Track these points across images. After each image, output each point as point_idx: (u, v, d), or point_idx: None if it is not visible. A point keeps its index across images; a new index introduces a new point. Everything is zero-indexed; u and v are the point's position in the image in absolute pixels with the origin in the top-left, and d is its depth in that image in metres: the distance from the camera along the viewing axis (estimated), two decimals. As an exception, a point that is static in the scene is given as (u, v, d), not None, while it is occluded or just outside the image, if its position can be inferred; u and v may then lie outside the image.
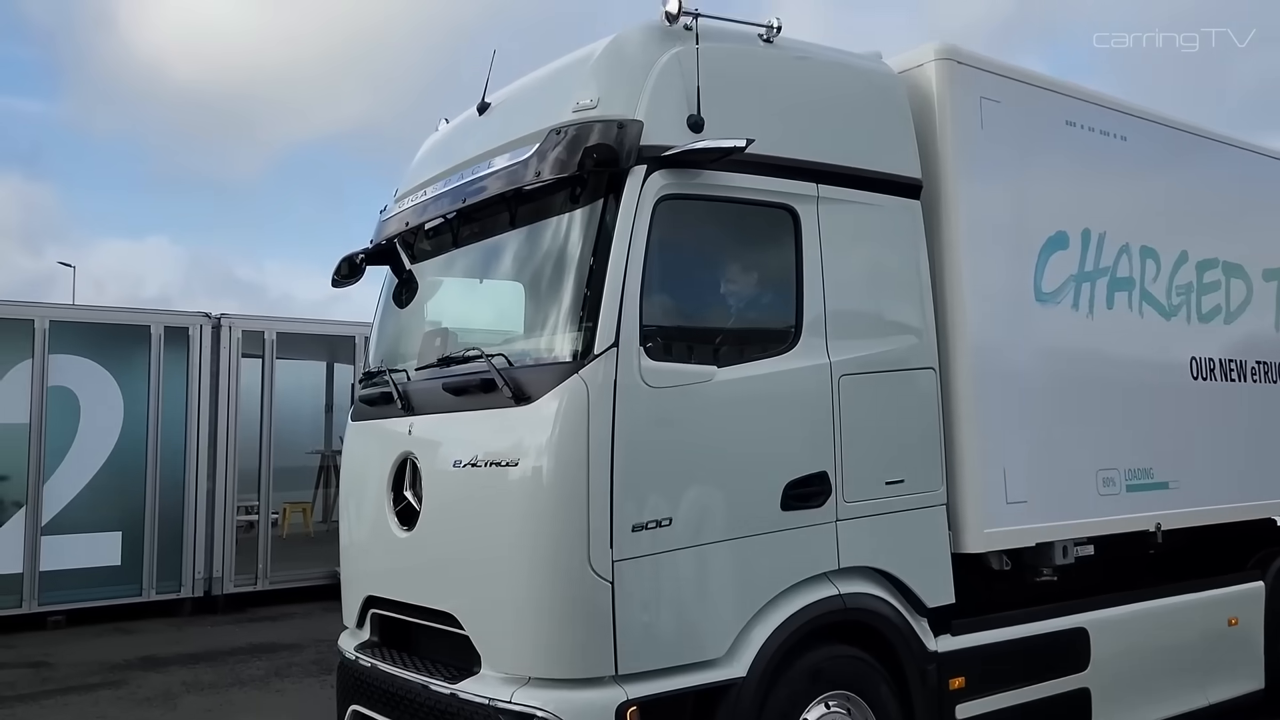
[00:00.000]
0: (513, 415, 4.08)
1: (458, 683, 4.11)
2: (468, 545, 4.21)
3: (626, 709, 3.81)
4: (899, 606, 4.62)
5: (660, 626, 3.96)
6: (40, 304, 10.62)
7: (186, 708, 7.25)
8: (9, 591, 10.02)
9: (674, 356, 4.12)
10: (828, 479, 4.40)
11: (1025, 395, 5.27)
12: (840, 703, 4.40)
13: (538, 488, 3.93)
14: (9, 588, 10.02)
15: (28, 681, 8.09)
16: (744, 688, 4.06)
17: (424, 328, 5.15)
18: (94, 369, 10.60)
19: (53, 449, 10.34)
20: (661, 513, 3.96)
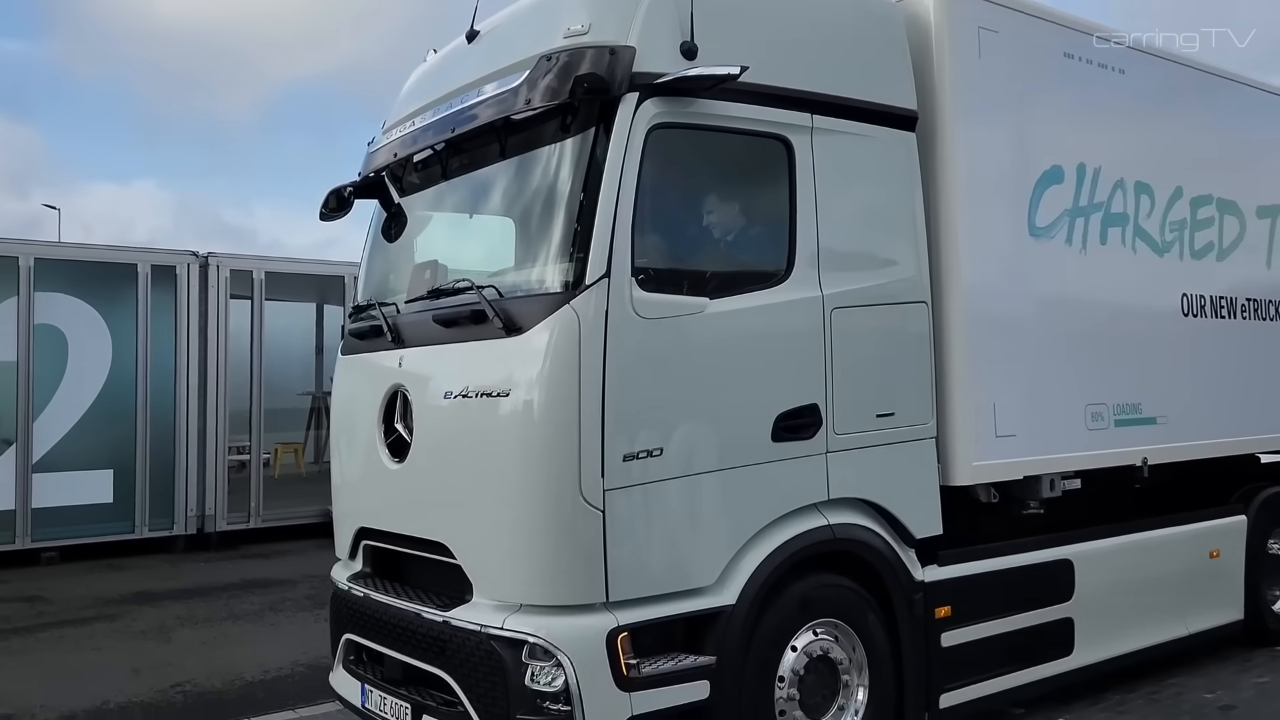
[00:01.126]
0: (503, 346, 4.07)
1: (450, 610, 4.15)
2: (459, 476, 4.22)
3: (617, 635, 3.86)
4: (887, 537, 4.67)
5: (651, 554, 4.00)
6: (25, 241, 10.53)
7: (181, 640, 7.33)
8: (1, 528, 10.07)
9: (666, 288, 4.09)
10: (818, 411, 4.41)
11: (1017, 330, 5.27)
12: (828, 630, 4.46)
13: (529, 418, 3.93)
14: (1, 524, 10.07)
15: (22, 615, 8.16)
16: (733, 615, 4.11)
17: (413, 261, 5.10)
18: (81, 307, 10.54)
19: (41, 387, 10.31)
20: (652, 443, 3.97)
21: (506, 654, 3.90)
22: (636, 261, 3.98)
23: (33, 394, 10.24)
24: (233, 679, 6.37)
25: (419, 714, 4.31)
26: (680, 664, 4.00)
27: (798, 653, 4.34)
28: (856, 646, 4.53)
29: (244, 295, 11.63)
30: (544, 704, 3.85)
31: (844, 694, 4.49)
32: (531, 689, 3.86)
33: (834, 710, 4.47)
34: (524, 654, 3.86)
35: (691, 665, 4.00)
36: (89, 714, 5.73)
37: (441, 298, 4.47)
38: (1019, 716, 5.35)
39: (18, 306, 10.14)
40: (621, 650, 3.86)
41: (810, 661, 4.39)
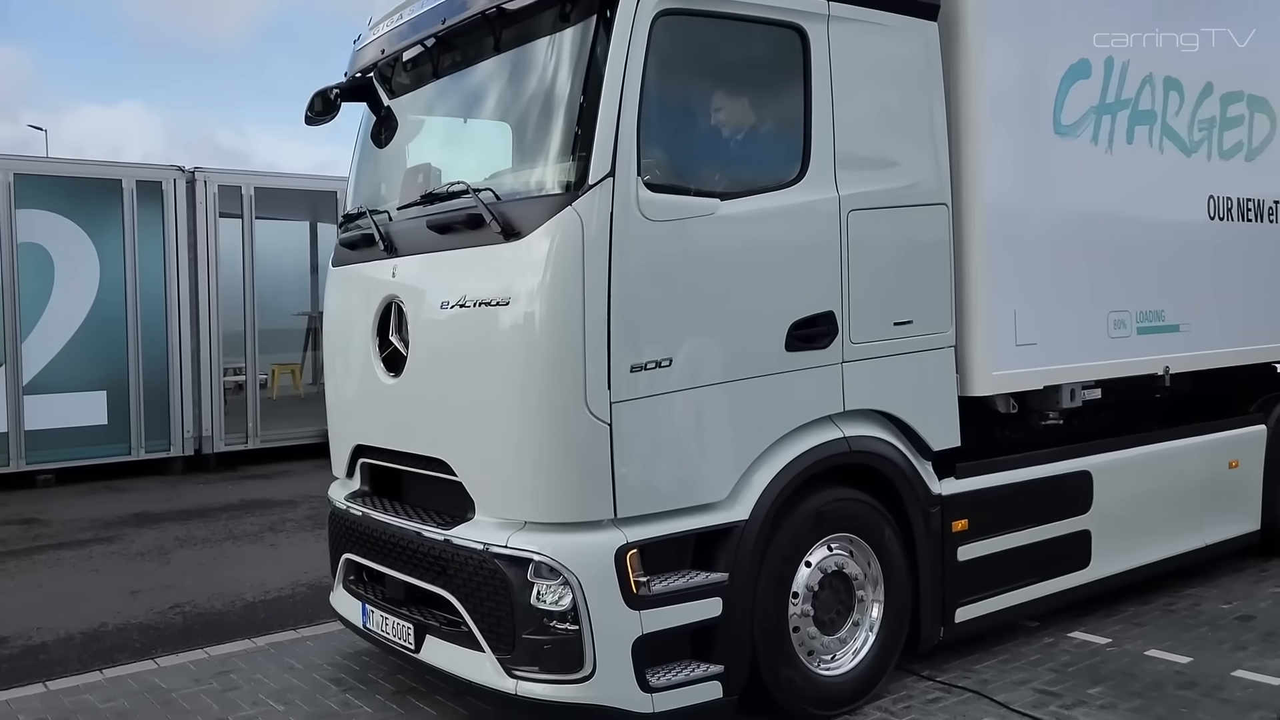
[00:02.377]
0: (502, 252, 3.84)
1: (451, 529, 4.00)
2: (458, 390, 4.03)
3: (626, 552, 3.71)
4: (904, 450, 4.50)
5: (660, 469, 3.83)
6: (4, 156, 10.16)
7: (180, 561, 7.24)
8: (-6, 450, 9.96)
9: (674, 189, 3.85)
10: (834, 319, 4.20)
11: (1039, 233, 5.03)
12: (843, 545, 4.32)
13: (531, 327, 3.72)
14: (-5, 446, 9.95)
15: (19, 538, 8.07)
16: (746, 530, 3.96)
17: (405, 167, 4.84)
18: (65, 225, 10.24)
19: (28, 307, 10.07)
20: (661, 353, 3.77)
21: (511, 573, 3.76)
22: (643, 160, 3.73)
23: (19, 314, 10.00)
24: (233, 600, 6.28)
25: (421, 634, 4.20)
26: (691, 581, 3.86)
27: (812, 568, 4.21)
28: (872, 561, 4.40)
29: (234, 214, 11.30)
30: (551, 623, 3.72)
31: (859, 609, 4.38)
32: (538, 608, 3.72)
33: (848, 625, 4.36)
34: (529, 572, 3.72)
35: (703, 582, 3.87)
36: (86, 636, 5.65)
37: (436, 203, 4.22)
38: (1034, 629, 5.25)
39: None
40: (630, 568, 3.71)
41: (824, 577, 4.26)
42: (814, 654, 4.24)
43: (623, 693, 3.72)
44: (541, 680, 3.73)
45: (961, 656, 4.88)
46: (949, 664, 4.80)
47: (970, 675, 4.68)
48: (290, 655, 5.16)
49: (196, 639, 5.55)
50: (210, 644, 5.41)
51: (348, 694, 4.62)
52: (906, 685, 4.58)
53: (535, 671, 3.75)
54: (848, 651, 4.36)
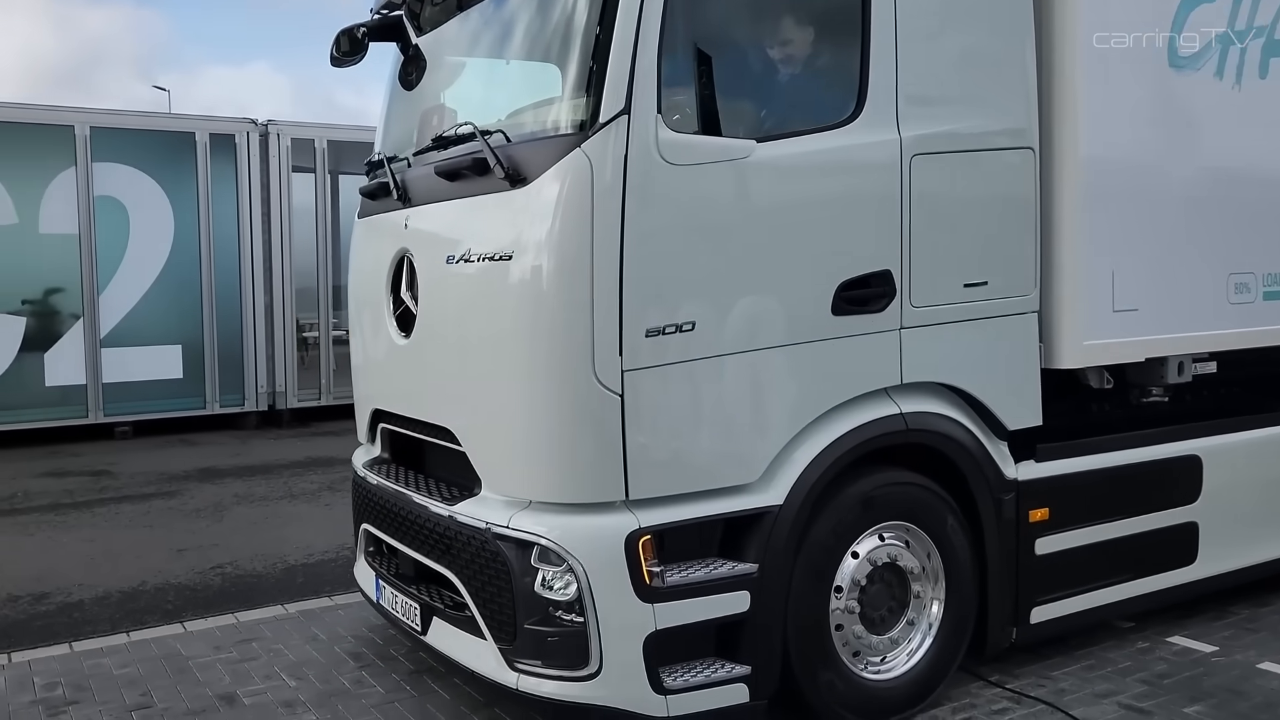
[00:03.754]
0: (508, 200, 3.43)
1: (455, 504, 3.66)
2: (463, 352, 3.67)
3: (639, 538, 3.30)
4: (973, 429, 3.95)
5: (680, 447, 3.38)
6: (80, 109, 10.23)
7: (233, 519, 7.16)
8: (75, 402, 10.12)
9: (702, 128, 3.38)
10: (891, 279, 3.67)
11: (1147, 182, 4.35)
12: (897, 535, 3.82)
13: (533, 285, 3.31)
14: (75, 398, 10.12)
15: (86, 489, 8.15)
16: (781, 517, 3.50)
17: (426, 108, 4.46)
18: (140, 178, 10.28)
19: (104, 260, 10.17)
20: (682, 315, 3.31)
21: (513, 556, 3.39)
22: (664, 96, 3.26)
23: (96, 267, 10.11)
24: (275, 561, 6.13)
25: (428, 616, 3.88)
26: (714, 572, 3.43)
27: (859, 560, 3.73)
28: (931, 553, 3.89)
29: (309, 168, 11.19)
30: (556, 613, 3.35)
31: (914, 606, 3.88)
32: (542, 596, 3.35)
33: (901, 624, 3.87)
34: (533, 556, 3.35)
35: (728, 574, 3.43)
36: (124, 595, 5.56)
37: (448, 147, 3.83)
38: (1126, 631, 4.66)
39: (76, 177, 9.92)
40: (643, 555, 3.30)
41: (874, 570, 3.78)
42: (860, 655, 3.77)
43: (632, 693, 3.33)
44: (544, 675, 3.37)
45: (1037, 660, 4.33)
46: (1022, 668, 4.26)
47: (1046, 683, 4.14)
48: (317, 624, 4.95)
49: (229, 603, 5.40)
50: (242, 608, 5.26)
51: (364, 671, 4.37)
52: (970, 692, 4.07)
53: (538, 665, 3.39)
54: (900, 653, 3.87)
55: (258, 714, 3.98)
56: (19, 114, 9.90)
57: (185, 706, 4.05)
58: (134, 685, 4.25)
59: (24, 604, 5.42)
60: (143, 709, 4.03)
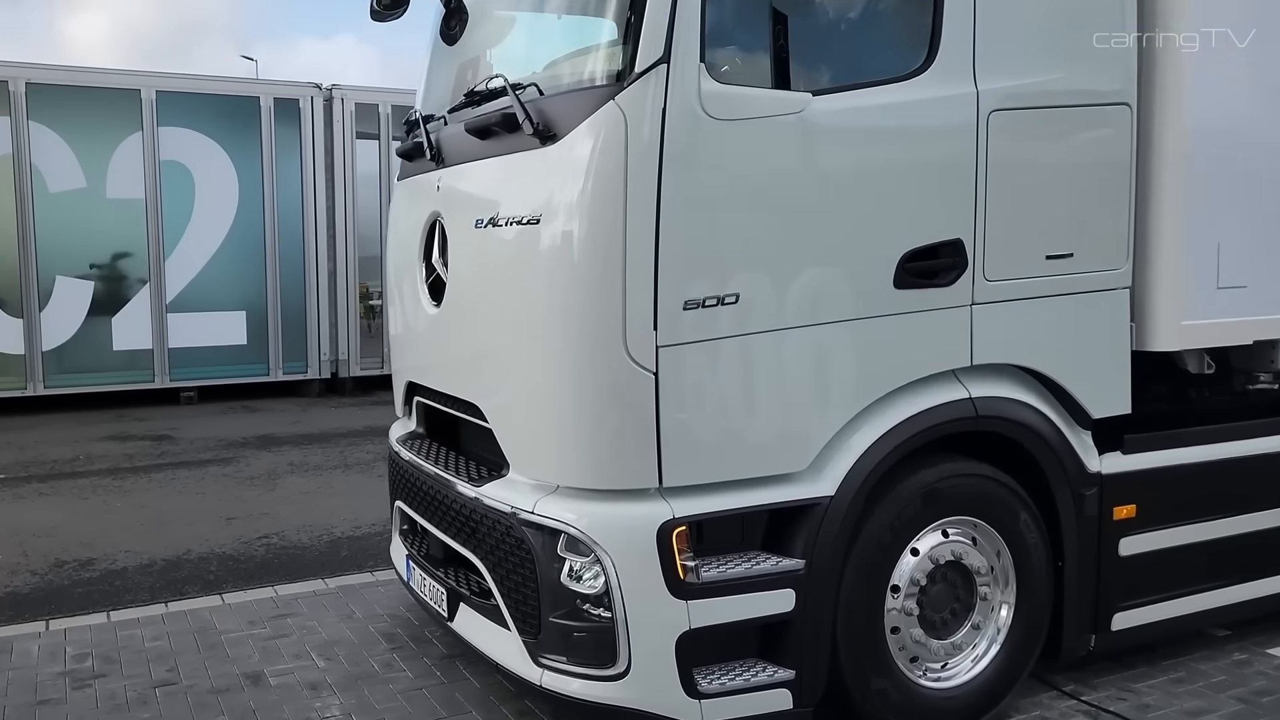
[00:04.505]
0: (537, 159, 3.16)
1: (482, 485, 3.42)
2: (489, 323, 3.42)
3: (672, 529, 3.02)
4: (1052, 416, 3.57)
5: (719, 431, 3.08)
6: (146, 73, 10.23)
7: (285, 488, 7.09)
8: (142, 366, 10.22)
9: (749, 79, 3.05)
10: (962, 249, 3.30)
11: (1259, 143, 3.88)
12: (963, 531, 3.48)
13: (560, 252, 3.04)
14: (142, 362, 10.21)
15: (146, 454, 8.18)
16: (831, 509, 3.18)
17: (466, 63, 4.20)
18: (205, 143, 10.26)
19: (170, 225, 10.20)
20: (724, 287, 3.00)
21: (538, 544, 3.14)
22: (708, 42, 2.93)
23: (163, 232, 10.16)
24: (321, 533, 6.02)
25: (455, 602, 3.68)
26: (756, 567, 3.13)
27: (919, 557, 3.40)
28: (1001, 552, 3.53)
29: (373, 134, 11.07)
30: (583, 607, 3.10)
31: (981, 609, 3.54)
32: (569, 588, 3.10)
33: (966, 628, 3.53)
34: (560, 545, 3.10)
35: (770, 570, 3.14)
36: (168, 564, 5.50)
37: (480, 103, 3.57)
38: (1222, 640, 4.24)
39: (143, 142, 9.95)
40: (676, 548, 3.02)
41: (936, 569, 3.44)
42: (918, 661, 3.45)
43: (663, 696, 3.07)
44: (570, 673, 3.12)
45: (1119, 669, 3.96)
46: (1101, 678, 3.90)
47: (1127, 696, 3.77)
48: (355, 601, 4.81)
49: (271, 575, 5.30)
50: (283, 581, 5.15)
51: (395, 653, 4.20)
52: (1041, 703, 3.73)
53: (563, 662, 3.14)
54: (964, 660, 3.54)
55: (281, 695, 3.83)
56: (87, 78, 9.96)
57: (210, 684, 3.92)
58: (163, 660, 4.15)
59: (69, 570, 5.40)
60: (167, 685, 3.92)
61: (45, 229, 9.63)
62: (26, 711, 3.70)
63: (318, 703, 3.77)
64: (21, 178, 9.50)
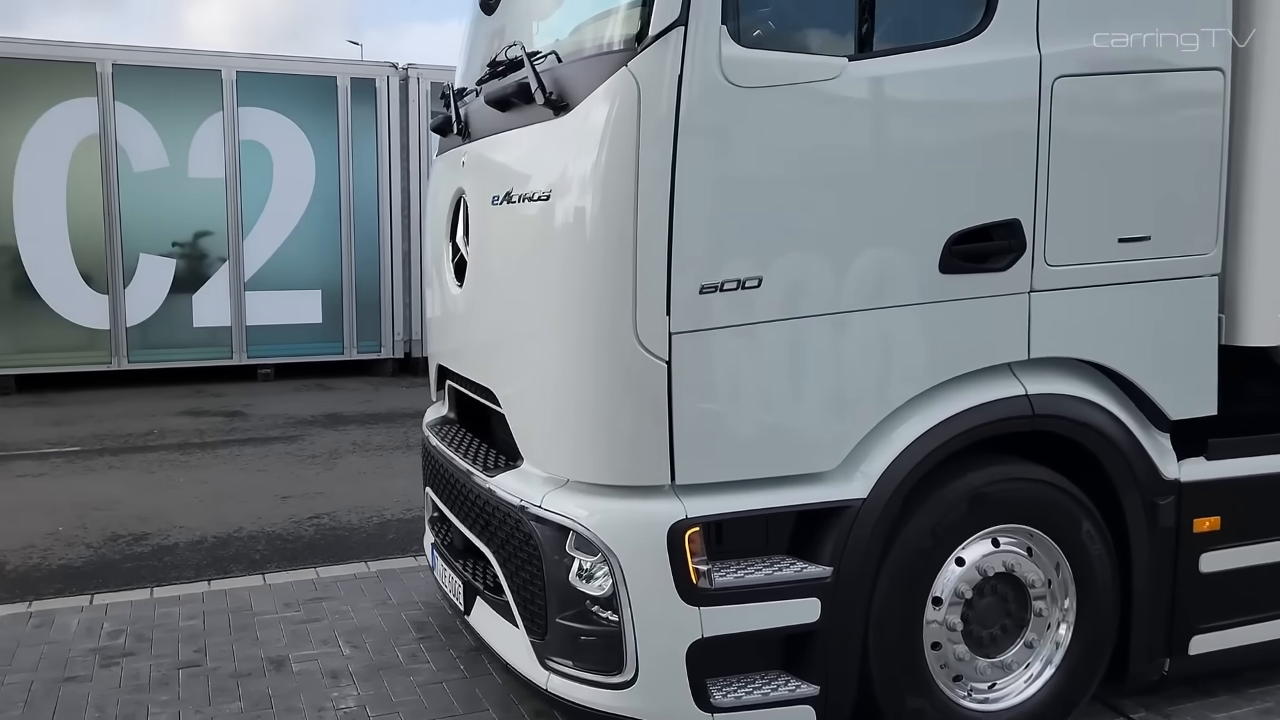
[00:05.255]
0: (552, 131, 2.96)
1: (495, 476, 3.26)
2: (504, 305, 3.25)
3: (684, 530, 2.80)
4: (1122, 416, 3.23)
5: (737, 426, 2.83)
6: (227, 53, 10.39)
7: (344, 468, 7.09)
8: (221, 343, 10.42)
9: (775, 41, 2.79)
10: (1020, 230, 2.99)
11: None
12: (1016, 540, 3.17)
13: (569, 230, 2.84)
14: (220, 339, 10.41)
15: (216, 430, 8.31)
16: (863, 513, 2.92)
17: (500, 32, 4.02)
18: (284, 123, 10.36)
19: (249, 205, 10.35)
20: (745, 269, 2.76)
21: (545, 540, 2.96)
22: (730, 3, 2.69)
23: (242, 212, 10.31)
24: (372, 515, 5.98)
25: (471, 596, 3.53)
26: (777, 574, 2.89)
27: (965, 567, 3.10)
28: (1060, 565, 3.21)
29: (451, 112, 11.01)
30: (592, 609, 2.91)
31: (1035, 626, 3.22)
32: (578, 589, 2.92)
33: (1018, 646, 3.22)
34: (569, 543, 2.91)
35: (793, 577, 2.89)
36: (217, 541, 5.52)
37: (504, 74, 3.38)
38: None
39: (223, 122, 10.11)
40: (689, 550, 2.80)
41: (984, 581, 3.14)
42: (962, 680, 3.16)
43: (673, 707, 2.86)
44: (576, 678, 2.94)
45: (1197, 696, 3.60)
46: (1176, 705, 3.55)
47: (1204, 727, 3.42)
48: (392, 586, 4.73)
49: (315, 556, 5.27)
50: (326, 563, 5.12)
51: (422, 643, 4.09)
52: (1104, 731, 3.40)
53: (569, 665, 2.96)
54: (1015, 681, 3.23)
55: (301, 683, 3.75)
56: (170, 59, 10.15)
57: (233, 668, 3.87)
58: (193, 640, 4.12)
59: (123, 544, 5.47)
60: (191, 667, 3.88)
61: (130, 208, 9.87)
62: (52, 688, 3.70)
63: (335, 692, 3.68)
64: (108, 157, 9.75)
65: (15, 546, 5.37)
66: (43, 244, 9.62)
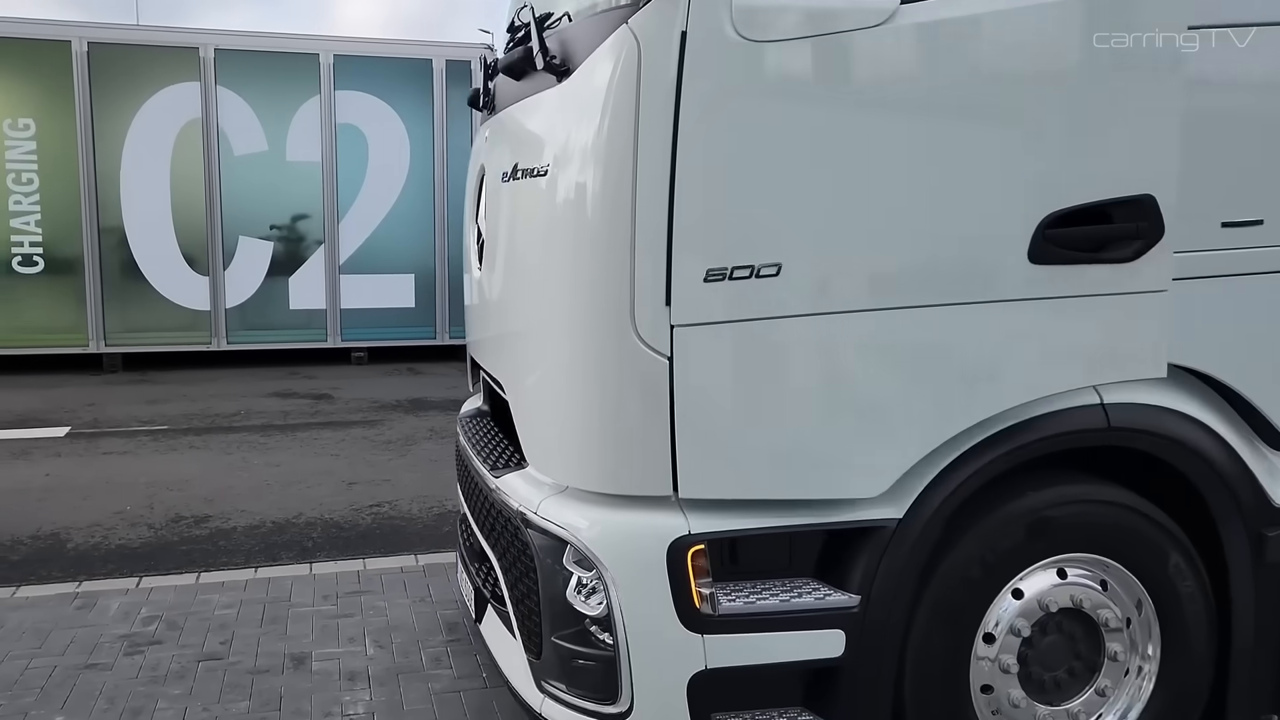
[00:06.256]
0: (551, 99, 2.68)
1: (502, 475, 3.00)
2: (509, 290, 2.99)
3: (687, 548, 2.47)
4: (1223, 431, 2.74)
5: (748, 437, 2.47)
6: (322, 37, 10.43)
7: (416, 455, 6.99)
8: (316, 326, 10.54)
9: (805, -14, 2.42)
10: (1155, 211, 2.52)
11: None
12: (1088, 572, 2.72)
13: (564, 209, 2.54)
14: (316, 322, 10.53)
15: (301, 413, 8.36)
16: (897, 536, 2.54)
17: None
18: (379, 106, 10.36)
19: (345, 188, 10.41)
20: (760, 255, 2.40)
21: (543, 551, 2.68)
22: (746, -56, 2.34)
23: (338, 195, 10.39)
24: (432, 505, 5.84)
25: (482, 603, 3.30)
26: (794, 601, 2.54)
27: (1024, 600, 2.69)
28: (1143, 604, 2.76)
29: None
30: (590, 629, 2.63)
31: (1109, 672, 2.77)
32: (576, 607, 2.63)
33: (1087, 694, 2.78)
34: (566, 556, 2.63)
35: (813, 606, 2.54)
36: (275, 527, 5.47)
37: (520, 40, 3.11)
38: None
39: (320, 105, 10.18)
40: (692, 570, 2.49)
41: (1048, 617, 2.71)
42: (1018, 730, 2.75)
43: (672, 746, 2.56)
44: (569, 704, 2.66)
45: (1315, 762, 3.06)
46: (1285, 770, 3.02)
47: (1320, 800, 2.90)
48: (435, 582, 4.56)
49: (367, 546, 5.15)
50: (377, 554, 5.00)
51: (450, 645, 3.90)
52: (1194, 797, 2.91)
53: (563, 690, 2.68)
54: (1085, 733, 2.81)
55: (315, 684, 3.60)
56: (269, 43, 10.27)
57: (252, 663, 3.75)
58: (222, 630, 4.03)
59: (183, 526, 5.47)
60: (212, 659, 3.78)
61: (230, 191, 10.07)
62: (71, 674, 3.65)
63: (347, 696, 3.51)
64: (209, 141, 9.95)
65: (82, 525, 5.45)
66: (148, 227, 9.91)
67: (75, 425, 7.77)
